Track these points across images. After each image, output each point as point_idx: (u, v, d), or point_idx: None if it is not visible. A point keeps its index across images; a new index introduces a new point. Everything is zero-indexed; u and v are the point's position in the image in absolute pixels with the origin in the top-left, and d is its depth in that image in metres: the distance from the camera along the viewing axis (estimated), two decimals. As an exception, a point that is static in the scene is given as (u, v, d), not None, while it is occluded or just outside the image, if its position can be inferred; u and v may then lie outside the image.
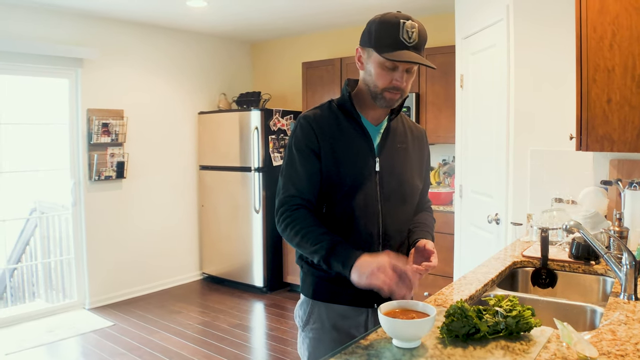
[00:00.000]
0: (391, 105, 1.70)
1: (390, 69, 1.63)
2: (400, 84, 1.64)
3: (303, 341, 1.82)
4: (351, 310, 1.75)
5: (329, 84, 5.68)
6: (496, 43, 3.34)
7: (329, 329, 1.75)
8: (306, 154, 1.69)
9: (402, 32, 1.58)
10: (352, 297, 1.72)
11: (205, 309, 5.25)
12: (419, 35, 1.61)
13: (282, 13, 5.27)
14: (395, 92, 1.67)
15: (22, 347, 4.25)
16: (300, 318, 1.83)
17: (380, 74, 1.64)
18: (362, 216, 1.70)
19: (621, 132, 2.25)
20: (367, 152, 1.72)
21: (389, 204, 1.74)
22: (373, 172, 1.72)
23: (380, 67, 1.64)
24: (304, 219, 1.66)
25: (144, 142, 5.69)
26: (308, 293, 1.80)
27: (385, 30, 1.60)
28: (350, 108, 1.74)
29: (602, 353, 1.33)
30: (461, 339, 1.41)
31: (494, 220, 3.34)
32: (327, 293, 1.76)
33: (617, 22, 2.21)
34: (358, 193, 1.69)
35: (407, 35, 1.58)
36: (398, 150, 1.78)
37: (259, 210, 5.66)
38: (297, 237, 1.65)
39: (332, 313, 1.75)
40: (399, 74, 1.63)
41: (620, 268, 1.82)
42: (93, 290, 5.31)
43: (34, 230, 5.68)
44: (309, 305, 1.79)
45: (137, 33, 5.60)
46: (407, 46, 1.58)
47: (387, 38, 1.59)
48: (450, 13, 4.26)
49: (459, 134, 4.05)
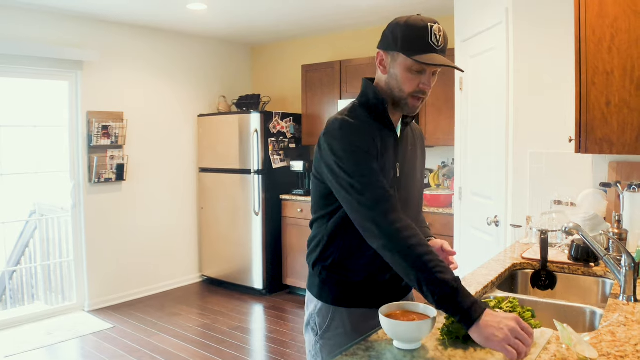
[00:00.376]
0: (413, 111, 1.67)
1: (418, 73, 1.60)
2: (427, 87, 1.62)
3: (322, 348, 1.76)
4: (372, 311, 1.68)
5: (328, 86, 5.69)
6: (495, 46, 3.35)
7: (351, 332, 1.71)
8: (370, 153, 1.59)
9: (431, 35, 1.56)
10: (374, 299, 1.69)
11: (204, 312, 5.24)
12: (445, 40, 1.60)
13: (282, 16, 5.28)
14: (419, 98, 1.64)
15: (22, 350, 4.24)
16: (318, 326, 1.77)
17: (408, 78, 1.61)
18: None
19: (620, 135, 2.25)
20: (395, 159, 1.70)
21: (405, 208, 1.69)
22: (395, 178, 1.70)
23: (408, 71, 1.60)
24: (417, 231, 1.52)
25: (144, 145, 5.69)
26: (328, 300, 1.75)
27: (414, 33, 1.57)
28: (385, 114, 1.68)
29: (602, 354, 1.33)
30: (461, 340, 1.41)
31: (493, 223, 3.35)
32: (350, 299, 1.73)
33: (616, 25, 2.22)
34: None
35: (435, 39, 1.56)
36: (410, 154, 1.79)
37: (258, 212, 5.66)
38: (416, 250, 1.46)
39: (354, 317, 1.72)
40: (426, 77, 1.61)
41: (620, 270, 1.83)
42: (92, 292, 5.30)
43: (34, 232, 5.69)
44: (330, 312, 1.74)
45: (138, 36, 5.61)
46: (436, 49, 1.57)
47: (417, 41, 1.56)
48: (449, 16, 4.27)
49: (459, 136, 4.06)
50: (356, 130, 1.62)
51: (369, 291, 1.71)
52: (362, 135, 1.61)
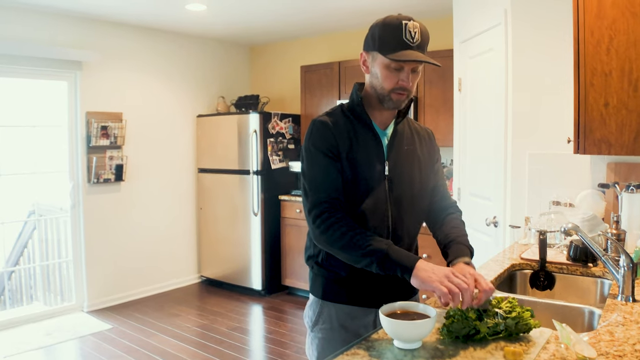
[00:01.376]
0: (398, 106, 1.72)
1: (396, 70, 1.65)
2: (406, 84, 1.66)
3: (312, 342, 1.84)
4: (360, 310, 1.76)
5: (327, 87, 5.70)
6: (494, 47, 3.36)
7: (338, 329, 1.77)
8: (329, 155, 1.69)
9: (405, 32, 1.60)
10: (361, 298, 1.75)
11: (203, 312, 5.25)
12: (422, 35, 1.63)
13: (281, 17, 5.28)
14: (402, 93, 1.68)
15: (20, 350, 4.24)
16: (309, 318, 1.85)
17: (387, 76, 1.66)
18: (372, 219, 1.71)
19: (618, 136, 2.26)
20: (378, 157, 1.74)
21: (398, 207, 1.75)
22: (383, 176, 1.74)
23: (386, 69, 1.65)
24: (349, 221, 1.64)
25: (143, 145, 5.70)
26: (318, 293, 1.82)
27: (388, 32, 1.62)
28: (362, 112, 1.75)
29: (601, 354, 1.34)
30: (461, 340, 1.42)
31: (492, 223, 3.36)
32: (337, 293, 1.77)
33: (614, 26, 2.23)
34: (369, 197, 1.71)
35: (410, 36, 1.60)
36: (406, 152, 1.80)
37: (257, 213, 5.66)
38: (344, 238, 1.61)
39: (341, 313, 1.77)
40: (404, 74, 1.65)
41: (618, 270, 1.84)
42: (91, 293, 5.30)
43: (32, 232, 5.69)
44: (319, 306, 1.81)
45: (137, 36, 5.61)
46: (411, 46, 1.61)
47: (391, 40, 1.61)
48: (448, 17, 4.28)
49: (457, 137, 4.07)
50: (322, 130, 1.71)
51: (355, 288, 1.75)
52: (326, 135, 1.70)
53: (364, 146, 1.72)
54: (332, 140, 1.69)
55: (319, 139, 1.71)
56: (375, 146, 1.74)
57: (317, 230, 1.66)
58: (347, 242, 1.61)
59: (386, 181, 1.74)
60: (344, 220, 1.63)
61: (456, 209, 1.97)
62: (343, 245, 1.62)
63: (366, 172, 1.71)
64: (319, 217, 1.65)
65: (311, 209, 1.68)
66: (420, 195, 1.84)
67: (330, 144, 1.69)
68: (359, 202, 1.71)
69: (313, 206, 1.67)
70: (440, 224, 1.89)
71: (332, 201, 1.66)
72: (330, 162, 1.68)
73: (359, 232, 1.61)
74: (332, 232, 1.63)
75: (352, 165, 1.70)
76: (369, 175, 1.71)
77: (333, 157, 1.69)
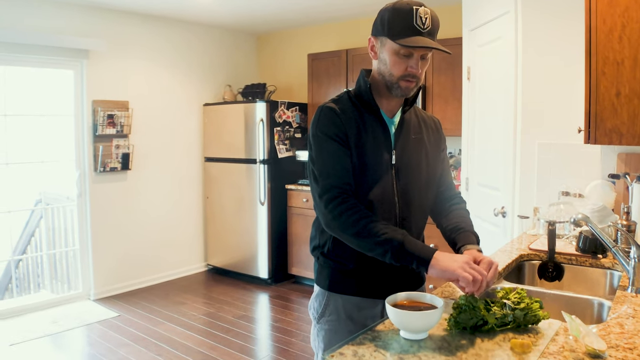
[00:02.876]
0: (407, 94, 1.68)
1: (405, 57, 1.61)
2: (415, 71, 1.63)
3: (318, 333, 1.82)
4: (366, 301, 1.75)
5: (335, 75, 5.66)
6: (503, 35, 3.32)
7: (345, 320, 1.76)
8: (339, 141, 1.66)
9: (416, 18, 1.56)
10: (368, 289, 1.73)
11: (210, 300, 5.26)
12: (432, 22, 1.59)
13: (288, 4, 5.25)
14: (411, 80, 1.65)
15: (27, 338, 4.27)
16: (315, 310, 1.83)
17: (396, 62, 1.63)
18: (379, 208, 1.68)
19: (630, 126, 2.23)
20: (385, 145, 1.71)
21: (405, 196, 1.73)
22: (390, 165, 1.71)
23: (395, 55, 1.62)
24: (362, 209, 1.61)
25: (149, 134, 5.69)
26: (324, 285, 1.80)
27: (399, 17, 1.59)
28: (370, 99, 1.71)
29: (610, 346, 1.32)
30: (469, 331, 1.40)
31: (500, 214, 3.33)
32: (343, 285, 1.76)
33: (627, 14, 2.19)
34: (376, 186, 1.68)
35: (420, 22, 1.57)
36: (413, 141, 1.77)
37: (264, 202, 5.66)
38: (357, 225, 1.58)
39: (348, 304, 1.76)
40: (414, 61, 1.62)
41: (628, 262, 1.81)
42: (98, 281, 5.33)
43: (39, 221, 5.70)
44: (325, 297, 1.79)
45: (143, 24, 5.59)
46: (422, 32, 1.57)
47: (401, 25, 1.58)
48: (457, 5, 4.23)
49: (466, 126, 4.04)
50: (330, 116, 1.68)
51: (362, 279, 1.73)
52: (334, 121, 1.67)
53: (372, 134, 1.69)
54: (341, 127, 1.66)
55: (327, 125, 1.67)
56: (383, 134, 1.72)
57: (329, 215, 1.62)
58: (361, 229, 1.57)
59: (393, 170, 1.72)
60: (358, 207, 1.61)
61: (461, 199, 1.94)
62: (357, 232, 1.58)
63: (373, 160, 1.68)
64: (331, 201, 1.61)
65: (322, 194, 1.64)
66: (427, 185, 1.81)
67: (339, 130, 1.66)
68: (366, 190, 1.68)
69: (324, 191, 1.63)
70: (446, 212, 1.86)
71: (344, 186, 1.63)
72: (339, 147, 1.65)
73: (374, 219, 1.59)
74: (345, 217, 1.59)
75: (360, 153, 1.67)
76: (376, 164, 1.68)
77: (342, 143, 1.65)
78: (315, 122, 1.70)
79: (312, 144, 1.71)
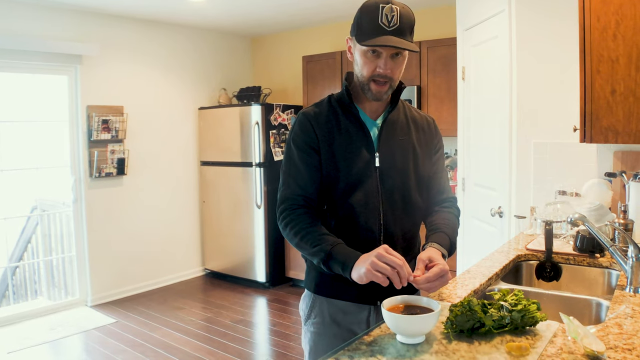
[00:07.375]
0: (379, 97, 1.64)
1: (374, 56, 1.59)
2: (384, 70, 1.59)
3: (305, 335, 1.81)
4: (353, 306, 1.72)
5: (329, 77, 5.65)
6: (498, 34, 3.31)
7: (330, 323, 1.73)
8: (305, 150, 1.66)
9: (381, 16, 1.53)
10: (355, 294, 1.70)
11: (207, 305, 5.24)
12: (401, 19, 1.54)
13: (282, 7, 5.23)
14: (382, 83, 1.61)
15: (25, 345, 4.24)
16: (303, 312, 1.82)
17: (365, 62, 1.61)
18: (363, 212, 1.65)
19: (625, 124, 2.22)
20: (366, 148, 1.67)
21: (391, 200, 1.68)
22: (373, 168, 1.67)
23: (364, 55, 1.60)
24: (304, 219, 1.63)
25: (145, 139, 5.67)
26: (311, 287, 1.78)
27: (366, 16, 1.56)
28: (348, 102, 1.69)
29: (609, 347, 1.31)
30: (466, 333, 1.39)
31: (497, 214, 3.32)
32: (330, 288, 1.73)
33: (620, 11, 2.18)
34: (358, 190, 1.65)
35: (386, 20, 1.53)
36: (399, 143, 1.72)
37: (260, 205, 5.64)
38: (296, 237, 1.62)
39: (334, 308, 1.73)
40: (382, 60, 1.58)
41: (626, 261, 1.80)
42: (95, 287, 5.30)
43: (36, 228, 5.68)
44: (311, 300, 1.78)
45: (137, 28, 5.57)
46: (387, 31, 1.53)
47: (367, 24, 1.55)
48: (451, 5, 4.23)
49: (461, 126, 4.02)
50: (303, 123, 1.69)
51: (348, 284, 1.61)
52: (305, 128, 1.68)
53: (348, 138, 1.67)
54: (311, 134, 1.67)
55: (298, 133, 1.69)
56: (363, 137, 1.68)
57: (280, 226, 1.69)
58: (299, 240, 1.62)
59: (377, 173, 1.67)
60: (300, 218, 1.63)
61: (453, 204, 1.83)
62: (297, 244, 1.64)
63: (350, 164, 1.65)
64: (282, 213, 1.68)
65: (278, 205, 1.71)
66: (416, 187, 1.74)
67: (309, 137, 1.67)
68: (346, 195, 1.65)
69: (280, 202, 1.71)
70: (431, 215, 1.78)
71: (297, 198, 1.66)
72: (306, 157, 1.66)
73: (310, 230, 1.60)
74: (289, 229, 1.64)
75: (334, 158, 1.65)
76: (354, 168, 1.65)
77: (309, 152, 1.66)
78: (290, 131, 1.74)
79: (285, 151, 1.75)
